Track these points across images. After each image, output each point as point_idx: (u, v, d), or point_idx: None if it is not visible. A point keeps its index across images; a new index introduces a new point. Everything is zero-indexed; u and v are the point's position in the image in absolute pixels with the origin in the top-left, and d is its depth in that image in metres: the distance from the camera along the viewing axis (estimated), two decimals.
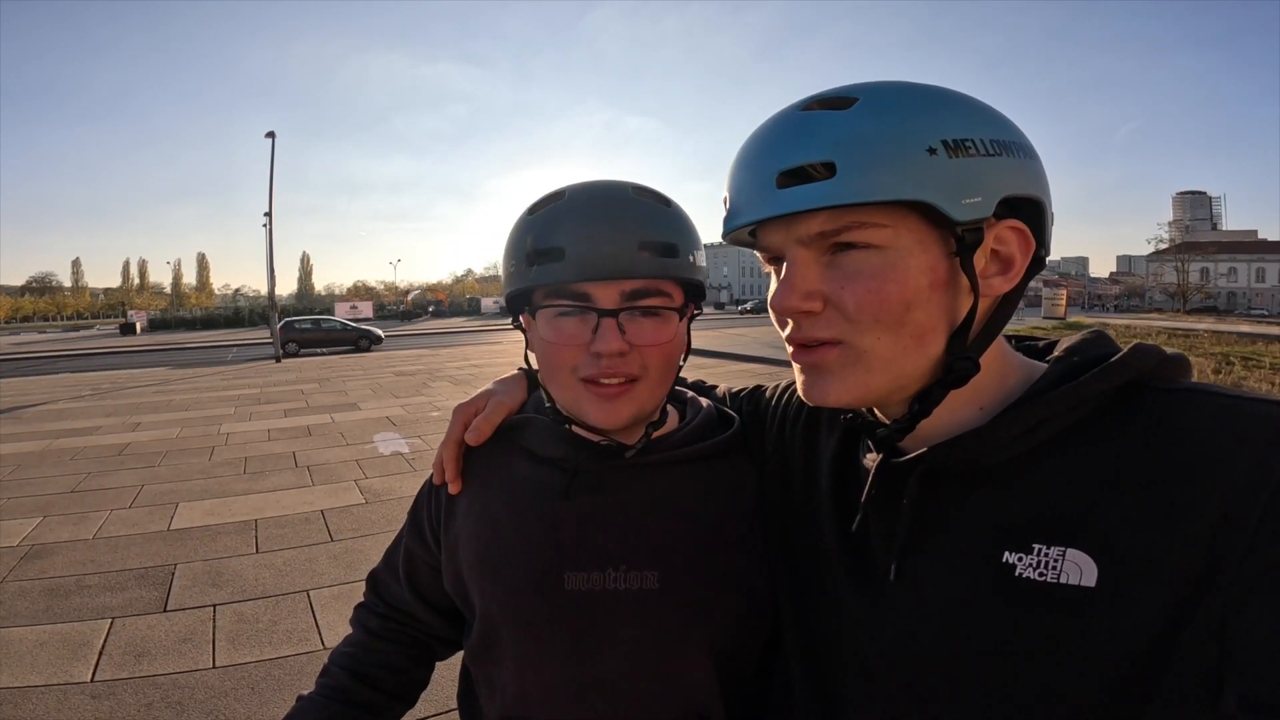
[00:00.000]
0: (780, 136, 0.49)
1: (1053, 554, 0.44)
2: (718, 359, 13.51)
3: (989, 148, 0.47)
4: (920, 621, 0.50)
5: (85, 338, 39.42)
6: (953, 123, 0.46)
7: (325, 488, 4.99)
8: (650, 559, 0.67)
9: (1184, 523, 0.40)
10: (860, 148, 0.45)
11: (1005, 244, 0.49)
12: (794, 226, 0.49)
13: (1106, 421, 0.46)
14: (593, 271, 0.61)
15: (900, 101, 0.47)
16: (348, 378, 12.12)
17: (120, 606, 3.10)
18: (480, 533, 0.72)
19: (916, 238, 0.47)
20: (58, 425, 7.89)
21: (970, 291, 0.48)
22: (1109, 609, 0.42)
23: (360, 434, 6.95)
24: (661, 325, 0.64)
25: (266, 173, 19.37)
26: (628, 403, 0.64)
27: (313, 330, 21.68)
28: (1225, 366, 10.13)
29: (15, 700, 2.36)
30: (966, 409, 0.52)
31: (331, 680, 0.79)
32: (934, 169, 0.45)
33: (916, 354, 0.49)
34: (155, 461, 5.93)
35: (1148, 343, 0.49)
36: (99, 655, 2.67)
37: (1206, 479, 0.41)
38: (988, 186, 0.46)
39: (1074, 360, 0.50)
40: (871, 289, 0.47)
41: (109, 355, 21.97)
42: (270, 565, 3.56)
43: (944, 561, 0.50)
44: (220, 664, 2.60)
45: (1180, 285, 60.08)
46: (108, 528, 4.19)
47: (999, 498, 0.48)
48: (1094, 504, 0.44)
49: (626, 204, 0.63)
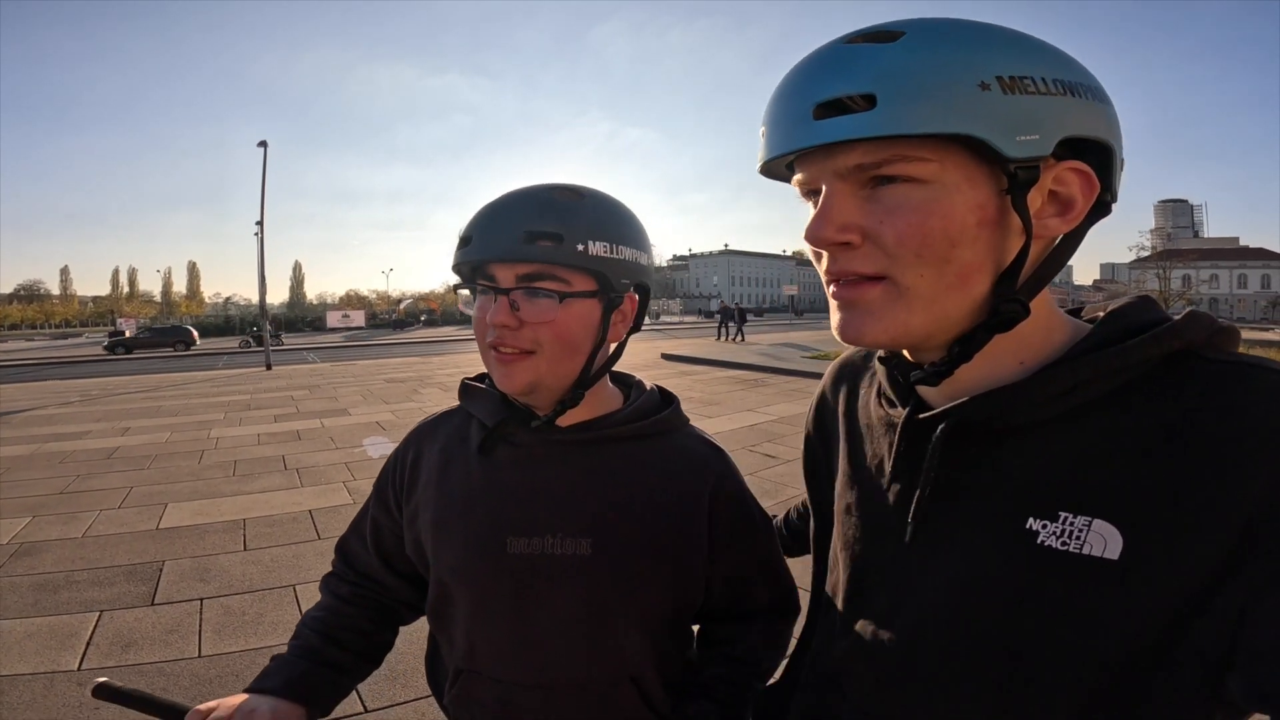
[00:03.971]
0: (820, 68, 0.46)
1: (1079, 523, 0.43)
2: (704, 366, 13.61)
3: (1051, 86, 0.44)
4: (936, 587, 0.49)
5: (73, 345, 39.16)
6: (1010, 59, 0.43)
7: (314, 489, 5.04)
8: (585, 528, 0.74)
9: (1219, 503, 0.39)
10: (904, 80, 0.43)
11: (1066, 185, 0.46)
12: (832, 158, 0.47)
13: (1151, 389, 0.44)
14: (486, 255, 0.70)
15: (951, 35, 0.44)
16: (338, 384, 12.13)
17: (108, 600, 3.14)
18: (437, 501, 0.80)
19: (964, 174, 0.44)
20: (47, 430, 7.88)
21: (1022, 232, 0.45)
22: (1130, 583, 0.41)
23: (350, 438, 6.99)
24: (551, 306, 0.70)
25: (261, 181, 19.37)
26: (523, 371, 0.71)
27: (134, 338, 30.30)
28: None
29: (3, 688, 2.41)
30: (1007, 361, 0.50)
31: (302, 642, 0.85)
32: (986, 103, 0.42)
33: (960, 294, 0.46)
34: (145, 464, 5.95)
35: (1202, 310, 0.48)
36: (87, 645, 2.72)
37: (1250, 460, 0.39)
38: (1047, 125, 0.43)
39: (1122, 323, 0.48)
40: (914, 223, 0.44)
41: (98, 363, 21.85)
42: (257, 562, 3.61)
43: (965, 525, 0.49)
44: (206, 653, 2.66)
45: (1162, 292, 60.82)
46: (97, 527, 4.23)
47: (1028, 460, 0.47)
48: (1128, 475, 0.42)
49: (525, 199, 0.71)
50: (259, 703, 0.73)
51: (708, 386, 10.48)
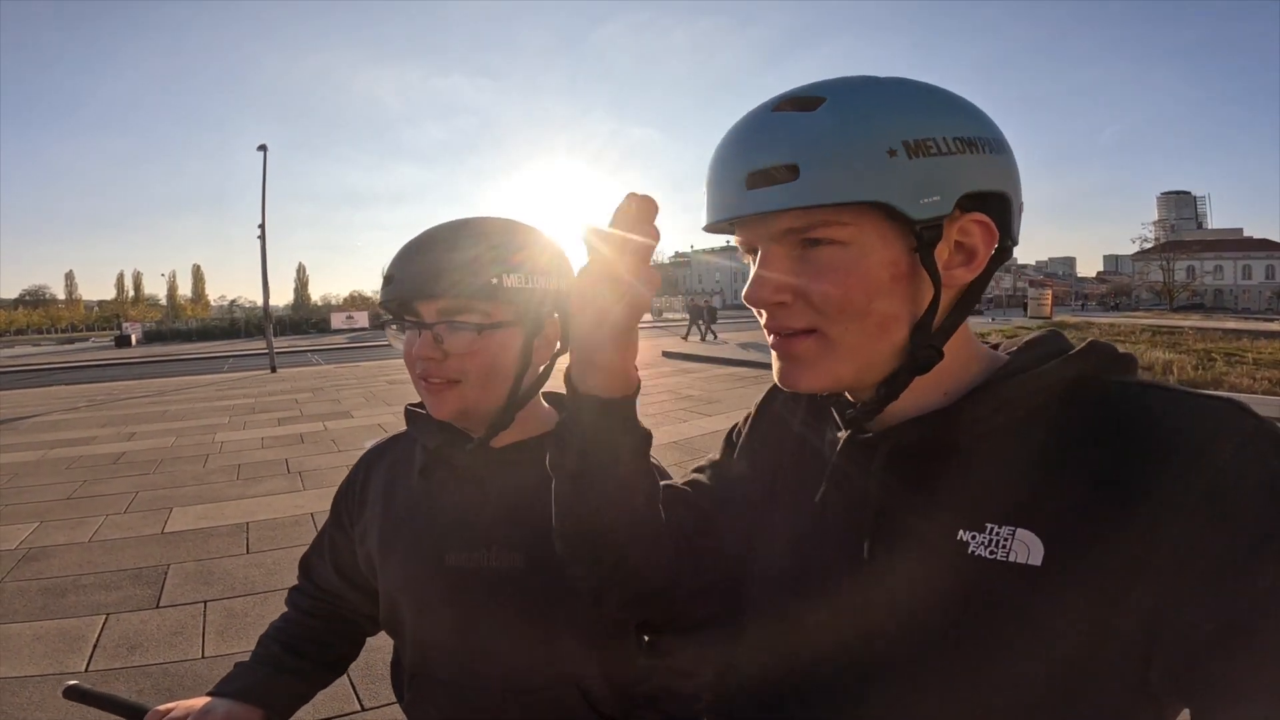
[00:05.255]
0: (750, 137, 0.50)
1: (1004, 533, 0.47)
2: (703, 363, 13.64)
3: (952, 146, 0.48)
4: (888, 598, 0.52)
5: (80, 349, 39.41)
6: (916, 122, 0.47)
7: (316, 492, 5.11)
8: (518, 543, 0.78)
9: (1127, 508, 0.43)
10: (821, 150, 0.47)
11: (969, 235, 0.51)
12: (765, 223, 0.51)
13: (1061, 409, 0.49)
14: (409, 292, 0.74)
15: (864, 101, 0.48)
16: (341, 386, 12.22)
17: (114, 603, 3.22)
18: (382, 520, 0.86)
19: (878, 234, 0.49)
20: (53, 436, 7.98)
21: (932, 283, 0.50)
22: (1053, 587, 0.44)
23: (352, 440, 7.07)
24: (472, 339, 0.74)
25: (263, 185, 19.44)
26: (451, 399, 0.76)
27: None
28: (1207, 363, 10.07)
29: (13, 689, 2.48)
30: (931, 393, 0.54)
31: (264, 650, 0.91)
32: (894, 170, 0.46)
33: (881, 342, 0.51)
34: (150, 469, 6.03)
35: (1103, 340, 0.52)
36: (93, 648, 2.79)
37: (1150, 468, 0.43)
38: (948, 185, 0.48)
39: (1034, 353, 0.53)
40: (836, 282, 0.49)
41: (104, 367, 22.01)
42: (260, 565, 3.68)
43: (907, 539, 0.52)
44: (209, 654, 2.72)
45: (1166, 284, 60.59)
46: (103, 531, 4.31)
47: (956, 477, 0.51)
48: (1044, 487, 0.46)
49: (442, 237, 0.76)
50: (217, 705, 0.79)
51: (707, 384, 10.53)
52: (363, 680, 2.44)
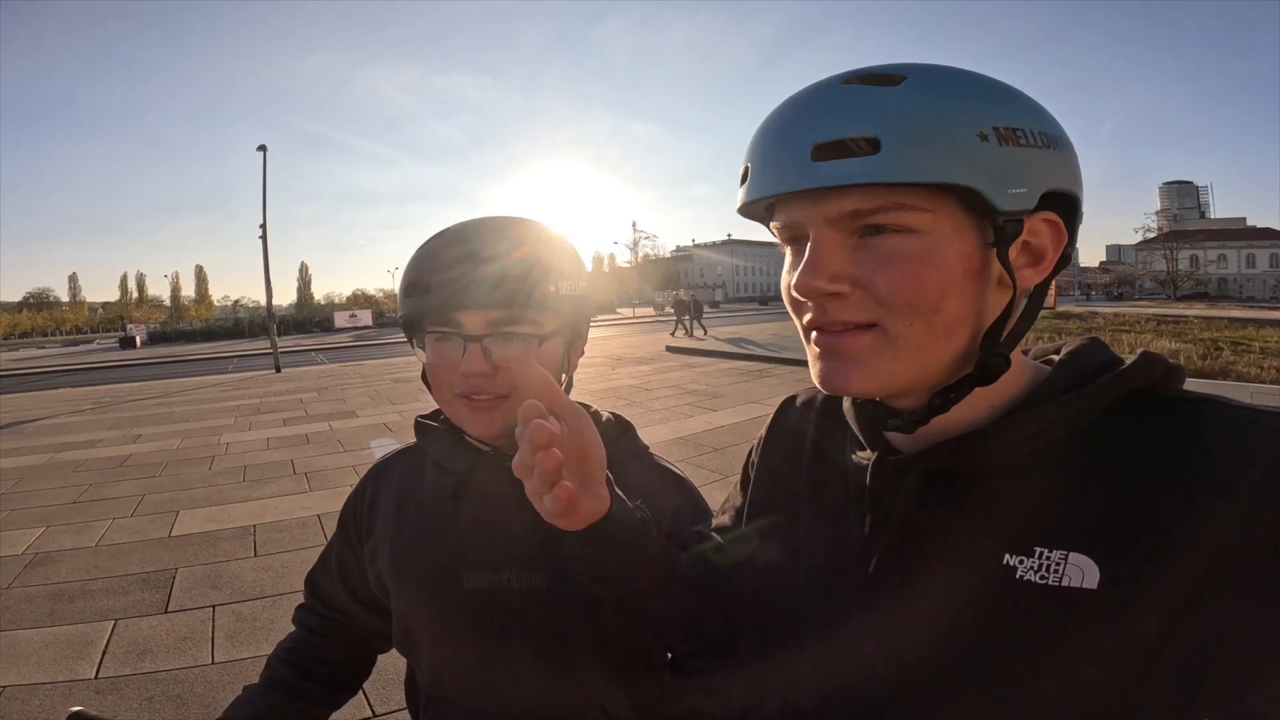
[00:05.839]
0: (820, 107, 0.46)
1: (1055, 557, 0.44)
2: (707, 357, 13.62)
3: (1038, 139, 0.45)
4: (915, 626, 0.50)
5: (85, 351, 39.55)
6: (1004, 110, 0.45)
7: (323, 493, 5.09)
8: (539, 561, 0.74)
9: (1186, 532, 0.41)
10: (910, 126, 0.43)
11: (1038, 236, 0.48)
12: (824, 203, 0.46)
13: (1116, 427, 0.46)
14: (452, 304, 0.68)
15: (951, 83, 0.45)
16: (345, 385, 12.21)
17: (123, 609, 3.21)
18: (394, 538, 0.82)
19: (954, 224, 0.45)
20: (59, 439, 7.99)
21: (1000, 284, 0.47)
22: (1108, 611, 0.42)
23: (358, 440, 7.05)
24: (529, 351, 0.70)
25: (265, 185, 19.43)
26: (499, 415, 0.70)
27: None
28: (1214, 352, 10.03)
29: (23, 696, 2.47)
30: (978, 407, 0.50)
31: (273, 672, 0.87)
32: (984, 155, 0.43)
33: (945, 344, 0.47)
34: (156, 472, 6.03)
35: (1155, 351, 0.49)
36: (102, 654, 2.77)
37: (1212, 492, 0.41)
38: (1034, 178, 0.45)
39: (1078, 365, 0.50)
40: (908, 274, 0.45)
41: (109, 369, 22.06)
42: (268, 568, 3.67)
43: (939, 564, 0.49)
44: (219, 660, 2.71)
45: (1169, 273, 60.35)
46: (110, 536, 4.30)
47: (1000, 501, 0.48)
48: (1101, 509, 0.44)
49: (487, 242, 0.70)
50: None
51: (711, 379, 10.47)
52: (373, 685, 2.43)
